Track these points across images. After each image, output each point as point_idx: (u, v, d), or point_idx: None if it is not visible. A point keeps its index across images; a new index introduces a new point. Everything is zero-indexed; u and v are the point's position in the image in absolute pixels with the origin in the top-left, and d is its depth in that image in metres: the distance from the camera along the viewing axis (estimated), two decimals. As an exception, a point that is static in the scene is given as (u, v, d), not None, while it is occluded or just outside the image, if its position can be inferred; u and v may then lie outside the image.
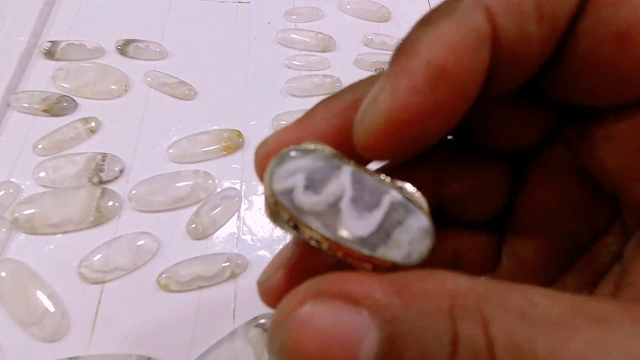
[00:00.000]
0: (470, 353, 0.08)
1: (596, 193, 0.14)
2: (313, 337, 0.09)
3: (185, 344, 0.26)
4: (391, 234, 0.10)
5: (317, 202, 0.10)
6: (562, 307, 0.09)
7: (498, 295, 0.09)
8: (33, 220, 0.28)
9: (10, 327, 0.25)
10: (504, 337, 0.08)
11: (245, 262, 0.28)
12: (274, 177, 0.11)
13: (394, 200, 0.11)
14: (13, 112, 0.33)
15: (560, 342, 0.08)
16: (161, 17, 0.40)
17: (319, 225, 0.10)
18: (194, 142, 0.33)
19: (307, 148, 0.11)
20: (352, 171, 0.11)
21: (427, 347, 0.09)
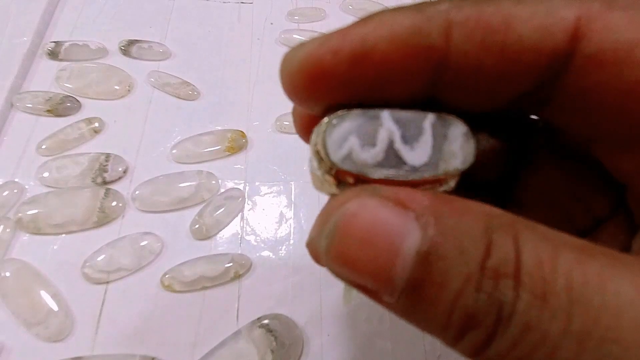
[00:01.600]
0: (500, 257, 0.09)
1: (599, 180, 0.14)
2: (363, 225, 0.10)
3: (189, 344, 0.26)
4: (443, 149, 0.11)
5: (377, 153, 0.11)
6: (582, 242, 0.10)
7: (528, 222, 0.10)
8: (37, 220, 0.28)
9: (14, 327, 0.25)
10: (530, 249, 0.09)
11: (249, 262, 0.28)
12: (329, 148, 0.11)
13: (432, 121, 0.12)
14: (17, 112, 0.33)
15: (578, 262, 0.09)
16: (164, 18, 0.40)
17: (388, 173, 0.11)
18: (197, 142, 0.33)
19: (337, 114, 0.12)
20: (390, 113, 0.11)
21: (463, 249, 0.10)
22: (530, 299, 0.09)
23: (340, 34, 0.11)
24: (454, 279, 0.10)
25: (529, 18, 0.10)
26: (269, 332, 0.25)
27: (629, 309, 0.09)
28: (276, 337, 0.25)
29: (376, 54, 0.11)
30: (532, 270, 0.09)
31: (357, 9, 0.43)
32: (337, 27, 0.11)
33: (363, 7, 0.43)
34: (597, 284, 0.09)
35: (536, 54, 0.11)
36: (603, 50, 0.10)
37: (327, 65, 0.11)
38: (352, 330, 0.27)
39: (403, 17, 0.11)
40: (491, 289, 0.09)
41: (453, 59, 0.11)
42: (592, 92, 0.11)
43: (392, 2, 0.43)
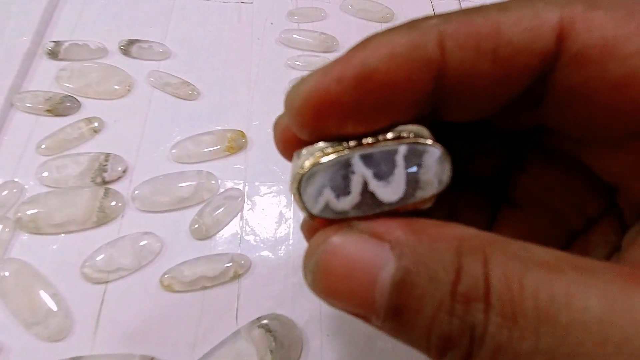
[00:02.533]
0: (470, 282, 0.10)
1: (591, 180, 0.14)
2: (342, 260, 0.11)
3: (188, 344, 0.26)
4: (419, 179, 0.12)
5: (352, 199, 0.12)
6: (553, 256, 0.10)
7: (499, 242, 0.10)
8: (36, 220, 0.28)
9: (13, 326, 0.25)
10: (499, 271, 0.10)
11: (249, 262, 0.28)
12: (306, 202, 0.12)
13: (404, 153, 0.12)
14: (17, 112, 0.33)
15: (545, 278, 0.09)
16: (164, 18, 0.40)
17: (365, 212, 0.12)
18: (197, 142, 0.33)
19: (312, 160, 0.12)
20: (359, 156, 0.12)
21: (435, 275, 0.10)
22: (500, 321, 0.09)
23: (341, 62, 0.11)
24: (428, 305, 0.10)
25: (516, 22, 0.11)
26: (268, 332, 0.25)
27: (595, 323, 0.09)
28: (275, 337, 0.25)
29: (379, 75, 0.11)
30: (501, 292, 0.10)
31: (357, 8, 0.43)
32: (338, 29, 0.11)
33: (363, 7, 0.43)
34: (564, 301, 0.09)
35: (526, 56, 0.11)
36: (587, 47, 0.11)
37: (334, 94, 0.11)
38: (351, 331, 0.27)
39: (398, 36, 0.11)
40: (463, 313, 0.10)
41: (450, 68, 0.11)
42: (580, 89, 0.11)
43: (390, 1, 0.43)
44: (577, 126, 0.12)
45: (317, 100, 0.12)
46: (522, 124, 0.15)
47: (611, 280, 0.09)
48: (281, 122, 0.15)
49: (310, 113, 0.12)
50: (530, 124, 0.15)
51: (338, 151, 0.12)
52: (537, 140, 0.16)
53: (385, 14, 0.43)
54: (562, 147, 0.15)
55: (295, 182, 0.12)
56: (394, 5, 0.43)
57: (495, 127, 0.16)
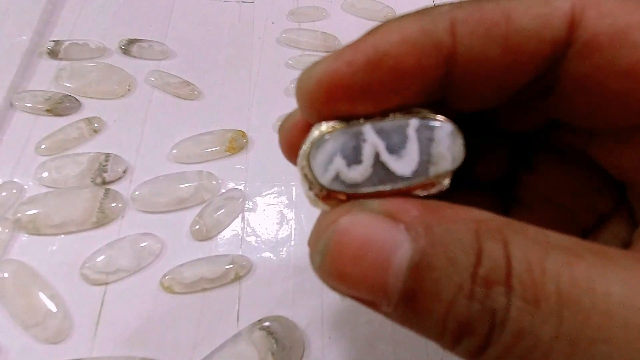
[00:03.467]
0: (491, 265, 0.10)
1: (601, 177, 0.14)
2: (354, 240, 0.10)
3: (188, 346, 0.25)
4: (431, 153, 0.11)
5: (364, 169, 0.11)
6: (571, 242, 0.10)
7: (517, 225, 0.10)
8: (36, 220, 0.28)
9: (12, 328, 0.25)
10: (520, 254, 0.10)
11: (250, 263, 0.28)
12: (316, 172, 0.12)
13: (416, 126, 0.12)
14: (16, 111, 0.33)
15: (566, 263, 0.09)
16: (165, 17, 0.40)
17: (377, 188, 0.11)
18: (197, 142, 0.33)
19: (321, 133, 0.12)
20: (371, 126, 0.12)
21: (454, 258, 0.10)
22: (522, 305, 0.09)
23: (352, 46, 0.11)
24: (446, 288, 0.10)
25: (527, 9, 0.11)
26: (269, 334, 0.25)
27: (617, 308, 0.09)
28: (277, 340, 0.25)
29: (389, 59, 0.11)
30: (523, 275, 0.09)
31: (359, 8, 0.42)
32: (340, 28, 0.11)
33: (364, 6, 0.42)
34: (586, 285, 0.09)
35: (537, 43, 0.11)
36: (598, 35, 0.11)
37: (344, 77, 0.11)
38: (353, 333, 0.26)
39: (409, 21, 0.11)
40: (483, 297, 0.10)
41: (460, 54, 0.11)
42: (591, 77, 0.11)
43: (391, 0, 0.43)
44: (587, 116, 0.12)
45: (328, 83, 0.11)
46: (529, 123, 0.15)
47: (630, 266, 0.09)
48: (286, 125, 0.15)
49: (321, 96, 0.12)
50: (538, 122, 0.15)
51: (350, 124, 0.12)
52: (545, 139, 0.15)
53: (387, 13, 0.42)
54: (571, 145, 0.14)
55: (304, 154, 0.12)
56: (394, 4, 0.43)
57: (503, 129, 0.16)
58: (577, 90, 0.12)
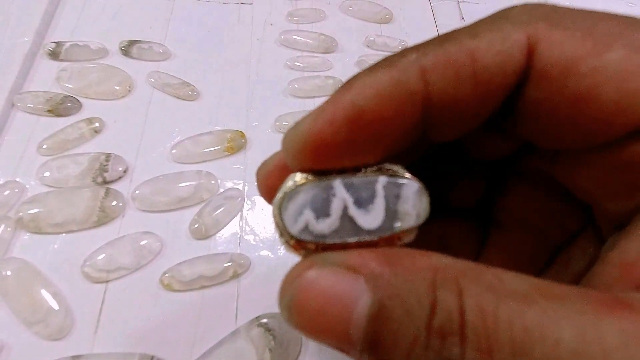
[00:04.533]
0: (445, 314, 0.10)
1: (568, 198, 0.15)
2: (316, 295, 0.11)
3: (188, 342, 0.26)
4: (397, 210, 0.12)
5: (332, 222, 0.12)
6: (525, 285, 0.10)
7: (473, 272, 0.11)
8: (37, 219, 0.28)
9: (14, 325, 0.25)
10: (473, 303, 0.10)
11: (248, 262, 0.28)
12: (286, 222, 0.12)
13: (384, 183, 0.12)
14: (18, 112, 0.33)
15: (518, 310, 0.10)
16: (164, 18, 0.40)
17: (344, 240, 0.12)
18: (196, 142, 0.33)
19: (295, 183, 0.13)
20: (341, 182, 0.12)
21: (410, 309, 0.10)
22: (476, 355, 0.09)
23: (330, 104, 0.12)
24: (403, 339, 0.10)
25: (489, 47, 0.12)
26: (267, 331, 0.26)
27: (568, 355, 0.09)
28: (274, 336, 0.26)
29: (368, 114, 0.12)
30: (476, 325, 0.10)
31: (356, 9, 0.43)
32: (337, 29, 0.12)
33: (362, 8, 0.43)
34: (538, 333, 0.09)
35: (501, 76, 0.12)
36: (549, 65, 0.11)
37: (327, 136, 0.12)
38: (350, 330, 0.27)
39: (381, 74, 0.12)
40: (439, 347, 0.10)
41: (434, 97, 0.12)
42: (544, 103, 0.12)
43: (388, 2, 0.44)
44: (544, 138, 0.13)
45: (313, 143, 0.12)
46: (500, 152, 0.16)
47: (581, 309, 0.09)
48: (262, 171, 0.15)
49: (307, 155, 0.12)
50: (507, 149, 0.16)
51: (322, 178, 0.12)
52: (516, 165, 0.16)
53: (384, 15, 0.43)
54: (539, 169, 0.15)
55: (277, 204, 0.12)
56: (392, 6, 0.43)
57: (477, 158, 0.17)
58: (534, 114, 0.12)
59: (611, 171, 0.13)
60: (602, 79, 0.11)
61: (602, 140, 0.12)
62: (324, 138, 0.12)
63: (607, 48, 0.11)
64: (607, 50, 0.11)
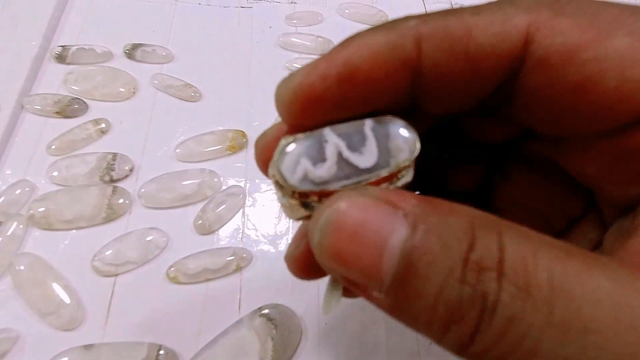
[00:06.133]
0: (484, 251, 0.10)
1: (570, 183, 0.15)
2: (353, 221, 0.11)
3: (193, 332, 0.27)
4: (389, 147, 0.12)
5: (329, 167, 0.12)
6: (561, 242, 0.10)
7: (511, 223, 0.10)
8: (48, 216, 0.30)
9: (28, 316, 0.27)
10: (513, 246, 0.10)
11: (250, 255, 0.30)
12: (285, 174, 0.12)
13: (371, 125, 0.13)
14: (27, 114, 0.35)
15: (558, 259, 0.10)
16: (167, 22, 0.42)
17: (344, 182, 0.12)
18: (199, 142, 0.34)
19: (286, 140, 0.13)
20: (331, 129, 0.12)
21: (448, 243, 0.10)
22: (514, 291, 0.09)
23: (325, 60, 0.12)
24: (437, 271, 0.10)
25: (486, 27, 0.12)
26: (269, 320, 0.27)
27: (607, 301, 0.09)
28: (276, 326, 0.27)
29: (360, 73, 0.12)
30: (515, 263, 0.09)
31: (353, 12, 0.44)
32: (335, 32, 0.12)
33: (358, 11, 0.44)
34: (577, 279, 0.09)
35: (495, 58, 0.12)
36: (550, 52, 0.11)
37: (318, 91, 0.12)
38: (348, 319, 0.28)
39: (378, 36, 0.12)
40: (474, 280, 0.10)
41: (425, 68, 0.12)
42: (544, 90, 0.12)
43: (385, 5, 0.45)
44: (545, 124, 0.13)
45: (303, 96, 0.12)
46: (500, 136, 0.16)
47: (616, 268, 0.10)
48: (260, 143, 0.15)
49: (298, 107, 0.13)
50: (509, 133, 0.15)
51: (312, 132, 0.13)
52: (517, 149, 0.16)
53: (380, 17, 0.44)
54: (541, 154, 0.15)
55: (274, 163, 0.12)
56: (388, 9, 0.45)
57: (477, 141, 0.17)
58: (533, 101, 0.12)
59: (616, 158, 0.12)
60: (604, 66, 0.11)
61: (604, 127, 0.12)
62: (314, 91, 0.12)
63: (610, 35, 0.11)
64: (610, 38, 0.11)
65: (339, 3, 0.45)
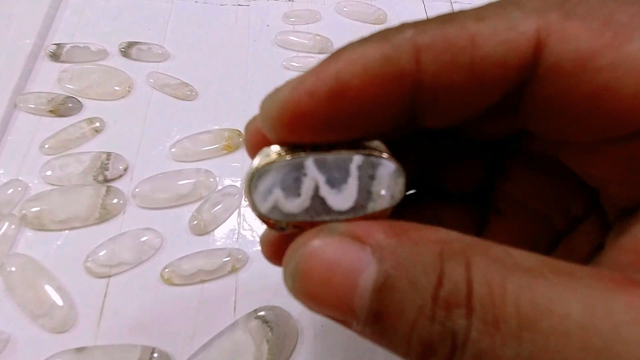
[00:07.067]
0: (452, 286, 0.10)
1: (573, 182, 0.14)
2: (322, 264, 0.11)
3: (188, 335, 0.27)
4: (371, 190, 0.12)
5: (301, 202, 0.12)
6: (534, 261, 0.10)
7: (481, 246, 0.10)
8: (41, 217, 0.29)
9: (20, 318, 0.26)
10: (481, 276, 0.10)
11: (246, 256, 0.29)
12: (255, 201, 0.12)
13: (358, 163, 0.12)
14: (20, 112, 0.34)
15: (527, 283, 0.09)
16: (163, 20, 0.41)
17: (314, 219, 0.12)
18: (195, 141, 0.34)
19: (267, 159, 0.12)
20: (314, 160, 0.12)
21: (416, 279, 0.10)
22: (483, 327, 0.09)
23: (313, 74, 0.11)
24: (408, 309, 0.10)
25: (492, 34, 0.11)
26: (265, 323, 0.27)
27: (576, 329, 0.09)
28: (272, 328, 0.26)
29: (351, 90, 0.11)
30: (483, 297, 0.09)
31: (351, 10, 0.44)
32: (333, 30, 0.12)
33: (357, 9, 0.44)
34: (546, 307, 0.09)
35: (502, 68, 0.11)
36: (562, 60, 0.11)
37: (305, 108, 0.11)
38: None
39: (372, 48, 0.11)
40: (444, 318, 0.10)
41: (425, 81, 0.11)
42: (556, 99, 0.11)
43: (383, 3, 0.44)
44: (554, 131, 0.13)
45: (289, 113, 0.12)
46: (500, 133, 0.15)
47: (591, 284, 0.09)
48: (250, 128, 0.15)
49: (283, 125, 0.12)
50: (509, 131, 0.15)
51: (294, 154, 0.12)
52: (518, 147, 0.16)
53: (379, 15, 0.44)
54: (544, 152, 0.15)
55: (247, 180, 0.12)
56: (387, 7, 0.44)
57: (475, 139, 0.16)
58: (542, 109, 0.12)
59: (625, 161, 0.12)
60: (621, 73, 0.10)
61: (617, 134, 0.11)
62: (301, 109, 0.11)
63: (626, 39, 0.10)
64: (626, 42, 0.10)
65: (337, 1, 0.44)
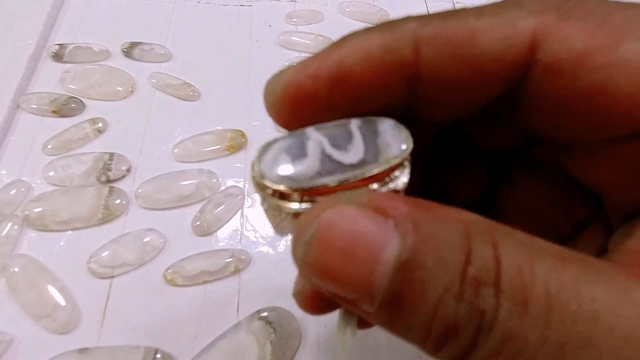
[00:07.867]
0: (481, 265, 0.09)
1: (577, 188, 0.15)
2: (342, 234, 0.10)
3: (190, 336, 0.27)
4: (377, 143, 0.11)
5: (311, 162, 0.11)
6: (557, 248, 0.10)
7: (506, 228, 0.10)
8: (43, 217, 0.29)
9: (23, 319, 0.26)
10: (509, 257, 0.09)
11: (249, 257, 0.29)
12: (264, 171, 0.11)
13: (358, 123, 0.12)
14: (23, 113, 0.34)
15: (555, 269, 0.09)
16: (165, 21, 0.41)
17: (327, 179, 0.11)
18: (198, 142, 0.34)
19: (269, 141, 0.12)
20: (315, 128, 0.12)
21: (443, 257, 0.09)
22: (511, 307, 0.09)
23: (317, 59, 0.12)
24: (434, 288, 0.09)
25: (490, 31, 0.11)
26: (268, 324, 0.26)
27: (603, 314, 0.09)
28: (275, 329, 0.26)
29: (352, 76, 0.11)
30: (512, 277, 0.09)
31: (354, 11, 0.44)
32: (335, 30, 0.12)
33: (359, 10, 0.44)
34: (574, 291, 0.09)
35: (499, 64, 0.11)
36: (559, 59, 0.11)
37: (308, 91, 0.12)
38: (348, 322, 0.28)
39: (374, 37, 0.11)
40: (472, 297, 0.09)
41: (424, 73, 0.11)
42: (553, 97, 0.11)
43: (386, 3, 0.44)
44: (553, 130, 0.13)
45: (292, 96, 0.12)
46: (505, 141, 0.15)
47: (613, 275, 0.09)
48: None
49: (286, 107, 0.12)
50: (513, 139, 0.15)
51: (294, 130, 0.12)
52: (522, 154, 0.16)
53: (381, 15, 0.44)
54: (547, 159, 0.15)
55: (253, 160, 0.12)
56: (389, 8, 0.44)
57: (481, 149, 0.16)
58: (540, 108, 0.12)
59: (625, 163, 0.12)
60: (616, 72, 0.10)
61: (614, 134, 0.11)
62: (304, 91, 0.12)
63: (622, 39, 0.10)
64: (622, 42, 0.10)
65: (340, 1, 0.44)
